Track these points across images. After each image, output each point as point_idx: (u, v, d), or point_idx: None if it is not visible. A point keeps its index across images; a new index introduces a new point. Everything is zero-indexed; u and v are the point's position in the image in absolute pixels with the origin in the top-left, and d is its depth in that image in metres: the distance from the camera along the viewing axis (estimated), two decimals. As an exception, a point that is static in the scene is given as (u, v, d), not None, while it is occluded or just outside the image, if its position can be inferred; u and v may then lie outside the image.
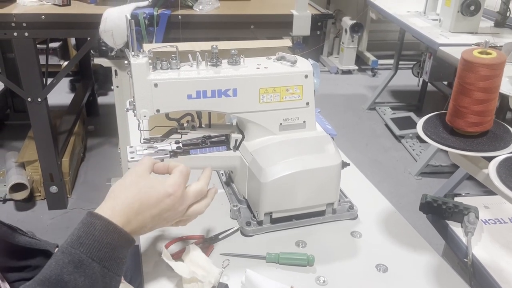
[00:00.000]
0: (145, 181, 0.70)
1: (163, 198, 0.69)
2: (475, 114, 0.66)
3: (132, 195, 0.67)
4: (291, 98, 0.96)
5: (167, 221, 0.73)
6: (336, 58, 4.68)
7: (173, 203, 0.70)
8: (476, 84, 0.64)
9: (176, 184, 0.71)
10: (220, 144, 1.01)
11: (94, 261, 0.60)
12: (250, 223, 0.96)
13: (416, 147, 3.11)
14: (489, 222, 1.01)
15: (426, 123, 0.75)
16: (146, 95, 0.88)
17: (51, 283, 0.57)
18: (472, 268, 0.90)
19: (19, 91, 2.06)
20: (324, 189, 0.95)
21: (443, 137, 0.70)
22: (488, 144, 0.67)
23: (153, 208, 0.68)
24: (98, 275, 0.60)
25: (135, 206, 0.67)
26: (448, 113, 0.71)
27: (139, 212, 0.67)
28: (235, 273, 0.84)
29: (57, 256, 0.60)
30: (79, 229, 0.62)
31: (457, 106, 0.68)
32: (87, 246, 0.60)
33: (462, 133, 0.69)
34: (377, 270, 0.86)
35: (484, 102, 0.65)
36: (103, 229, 0.62)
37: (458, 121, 0.68)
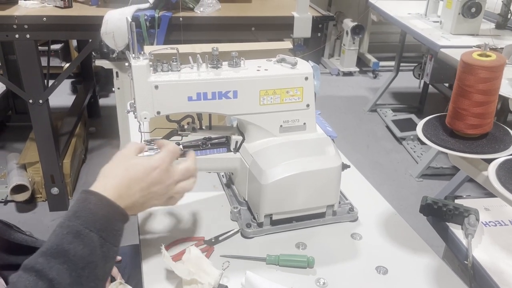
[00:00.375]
0: (132, 159, 0.74)
1: (150, 171, 0.72)
2: (474, 116, 0.66)
3: (121, 172, 0.71)
4: (291, 100, 0.96)
5: (157, 197, 0.75)
6: (337, 60, 4.68)
7: (159, 176, 0.73)
8: (475, 86, 0.64)
9: (161, 158, 0.75)
10: (220, 146, 1.02)
11: (91, 231, 0.62)
12: (250, 225, 0.96)
13: (417, 149, 3.10)
14: (489, 224, 1.01)
15: (426, 125, 0.75)
16: (146, 97, 0.88)
17: (52, 253, 0.59)
18: (472, 270, 0.90)
19: (20, 92, 2.07)
20: (324, 191, 0.95)
21: (443, 139, 0.70)
22: (487, 146, 0.67)
23: (142, 181, 0.71)
24: (97, 244, 0.62)
25: (125, 181, 0.70)
26: (448, 115, 0.71)
27: (129, 187, 0.70)
28: (235, 274, 0.84)
29: (56, 230, 0.62)
30: (75, 205, 0.66)
31: (456, 108, 0.68)
32: (84, 218, 0.63)
33: (462, 135, 0.69)
34: (377, 272, 0.86)
35: (483, 104, 0.65)
36: (97, 203, 0.65)
37: (457, 123, 0.68)
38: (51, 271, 0.57)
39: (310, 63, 0.98)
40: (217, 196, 1.09)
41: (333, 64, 4.61)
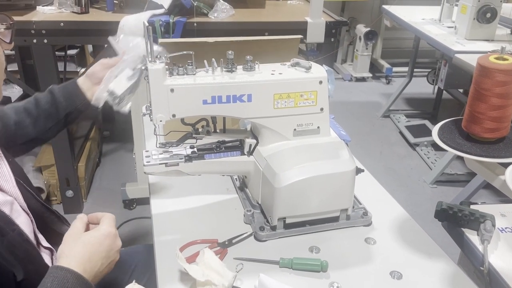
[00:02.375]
0: (84, 235, 0.79)
1: (103, 240, 0.79)
2: (491, 120, 0.66)
3: (80, 249, 0.76)
4: (306, 103, 0.96)
5: (112, 260, 0.81)
6: (350, 65, 4.67)
7: (111, 241, 0.80)
8: (492, 90, 0.64)
9: (108, 225, 0.81)
10: (234, 149, 1.02)
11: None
12: (264, 228, 0.96)
13: (431, 155, 3.07)
14: (505, 230, 1.00)
15: (441, 129, 0.74)
16: (162, 100, 0.89)
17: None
18: (488, 276, 0.89)
19: (37, 96, 2.10)
20: (338, 195, 0.95)
21: (459, 143, 0.69)
22: (505, 150, 0.66)
23: (99, 251, 0.78)
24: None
25: (86, 256, 0.76)
26: (464, 119, 0.70)
27: (91, 259, 0.76)
28: (249, 277, 0.84)
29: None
30: (52, 283, 0.71)
31: (473, 112, 0.68)
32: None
33: (478, 139, 0.69)
34: (391, 277, 0.86)
35: (500, 108, 0.65)
36: (74, 282, 0.71)
37: (474, 127, 0.68)
38: None
39: (325, 67, 0.99)
40: (231, 199, 1.09)
41: (345, 69, 4.60)
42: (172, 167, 0.98)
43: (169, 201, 1.08)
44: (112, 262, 0.81)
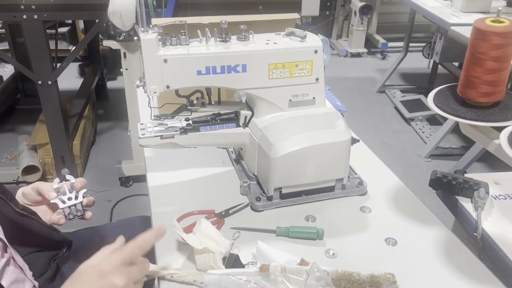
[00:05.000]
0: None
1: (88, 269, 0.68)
2: (487, 84, 0.66)
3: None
4: (301, 74, 0.95)
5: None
6: (346, 41, 4.63)
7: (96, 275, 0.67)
8: (488, 53, 0.63)
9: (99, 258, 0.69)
10: (229, 121, 1.02)
11: None
12: (260, 199, 0.97)
13: (426, 129, 3.08)
14: (499, 197, 1.01)
15: (437, 95, 0.74)
16: (156, 71, 0.88)
17: None
18: (481, 242, 0.90)
19: (29, 74, 2.07)
20: (333, 165, 0.95)
21: (454, 108, 0.69)
22: (499, 114, 0.66)
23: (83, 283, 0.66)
24: None
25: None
26: (459, 84, 0.70)
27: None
28: (246, 245, 0.85)
29: None
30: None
31: (468, 77, 0.67)
32: None
33: (473, 104, 0.69)
34: (386, 243, 0.87)
35: (496, 71, 0.64)
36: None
37: (469, 92, 0.68)
38: None
39: (320, 36, 0.98)
40: (227, 172, 1.09)
41: (341, 45, 4.56)
42: (167, 140, 0.98)
43: (166, 174, 1.08)
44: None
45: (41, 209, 0.95)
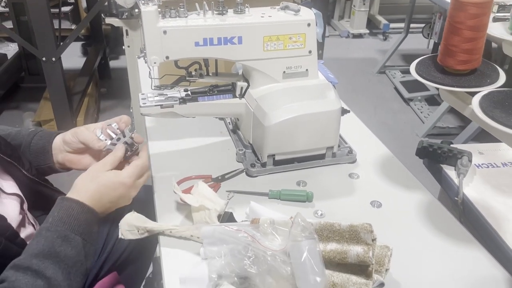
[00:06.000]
0: (103, 176, 0.81)
1: (118, 187, 0.82)
2: (464, 52, 0.70)
3: (92, 188, 0.79)
4: (294, 46, 1.00)
5: (120, 205, 0.85)
6: (347, 22, 4.63)
7: (126, 190, 0.83)
8: (465, 22, 0.68)
9: (128, 175, 0.83)
10: (226, 92, 1.07)
11: (76, 235, 0.73)
12: (255, 165, 1.02)
13: (424, 109, 3.12)
14: (482, 166, 1.06)
15: (418, 64, 0.79)
16: (156, 42, 0.93)
17: (45, 255, 0.69)
18: (462, 206, 0.96)
19: (34, 51, 2.12)
20: (324, 133, 1.01)
21: (434, 75, 0.74)
22: (475, 80, 0.71)
23: (111, 196, 0.81)
24: (81, 245, 0.74)
25: (97, 196, 0.79)
26: (439, 53, 0.75)
27: (100, 200, 0.80)
28: (240, 206, 0.91)
29: (44, 234, 0.72)
30: (58, 211, 0.75)
31: (447, 45, 0.72)
32: (69, 224, 0.73)
33: (452, 72, 0.73)
34: (371, 206, 0.93)
35: (472, 40, 0.69)
36: (79, 210, 0.76)
37: (448, 60, 0.72)
38: (47, 270, 0.66)
39: (313, 10, 1.01)
40: (224, 141, 1.15)
41: (342, 26, 4.57)
42: (167, 109, 1.03)
43: (165, 143, 1.13)
44: (120, 206, 0.84)
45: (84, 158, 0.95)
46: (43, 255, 0.68)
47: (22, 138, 0.95)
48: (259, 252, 0.68)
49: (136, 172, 0.84)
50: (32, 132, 0.95)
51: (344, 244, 0.67)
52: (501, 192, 0.97)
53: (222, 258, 0.70)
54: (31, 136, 0.94)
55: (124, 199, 0.84)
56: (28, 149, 0.93)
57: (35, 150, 0.93)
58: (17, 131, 0.96)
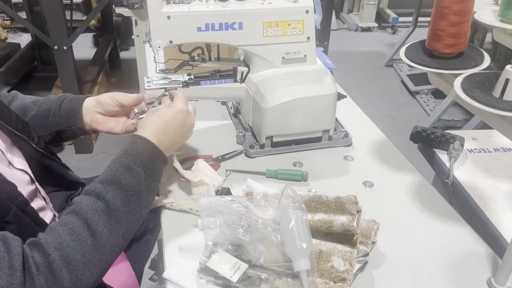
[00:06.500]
0: (160, 110, 0.87)
1: (177, 115, 0.86)
2: (450, 36, 0.73)
3: (156, 121, 0.84)
4: (293, 32, 1.04)
5: (185, 134, 0.89)
6: (356, 15, 4.64)
7: (185, 116, 0.87)
8: (451, 7, 0.71)
9: (181, 103, 0.89)
10: (228, 77, 1.11)
11: (138, 167, 0.76)
12: (253, 146, 1.07)
13: (430, 102, 3.13)
14: (474, 151, 1.10)
15: (408, 48, 0.82)
16: (160, 26, 0.97)
17: (108, 181, 0.73)
18: (452, 188, 0.99)
19: (46, 39, 2.18)
20: (320, 116, 1.05)
21: (421, 58, 0.78)
22: (460, 63, 0.74)
23: (174, 124, 0.85)
24: (142, 178, 0.76)
25: (161, 127, 0.83)
26: (427, 38, 0.78)
27: (166, 131, 0.84)
28: (238, 184, 0.95)
29: (110, 164, 0.77)
30: (125, 146, 0.80)
31: (434, 30, 0.75)
32: (133, 156, 0.77)
33: (439, 55, 0.77)
34: (364, 185, 0.97)
35: (458, 24, 0.72)
36: (143, 145, 0.79)
37: (435, 44, 0.76)
38: (107, 194, 0.71)
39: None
40: (225, 125, 1.20)
41: (351, 19, 4.58)
42: (170, 92, 1.08)
43: (169, 125, 1.18)
44: (185, 137, 0.89)
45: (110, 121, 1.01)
46: (106, 181, 0.73)
47: (51, 102, 1.01)
48: (252, 221, 0.72)
49: (184, 99, 0.89)
50: (62, 97, 1.02)
51: (331, 214, 0.71)
52: (491, 175, 1.01)
53: (217, 228, 0.75)
54: (61, 100, 1.01)
55: (187, 126, 0.88)
56: (59, 111, 0.99)
57: (66, 112, 0.99)
58: (45, 98, 1.03)
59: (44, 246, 0.64)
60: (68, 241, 0.65)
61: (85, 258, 0.65)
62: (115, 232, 0.69)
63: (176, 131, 0.85)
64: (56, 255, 0.64)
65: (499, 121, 0.66)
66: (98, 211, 0.69)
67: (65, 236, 0.65)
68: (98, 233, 0.67)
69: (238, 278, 0.69)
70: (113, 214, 0.70)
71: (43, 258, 0.63)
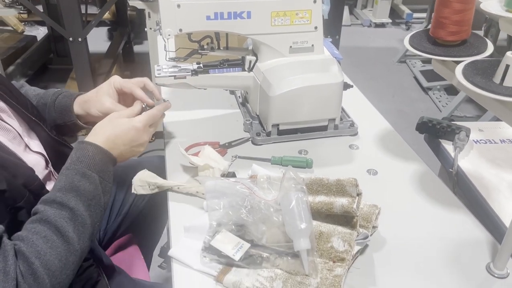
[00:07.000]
0: (118, 120, 0.90)
1: (129, 131, 0.89)
2: (453, 24, 0.74)
3: (108, 130, 0.87)
4: (301, 22, 1.05)
5: (134, 150, 0.92)
6: (370, 11, 4.61)
7: (136, 134, 0.90)
8: (454, -5, 0.72)
9: (139, 120, 0.91)
10: (236, 66, 1.13)
11: (93, 172, 0.80)
12: (260, 134, 1.09)
13: (443, 98, 3.11)
14: (480, 142, 1.10)
15: (413, 36, 0.83)
16: (170, 15, 1.00)
17: (67, 189, 0.77)
18: (456, 177, 1.00)
19: (61, 31, 2.23)
20: (326, 105, 1.06)
21: (425, 46, 0.78)
22: (463, 51, 0.75)
23: (123, 139, 0.88)
24: (97, 182, 0.80)
25: (111, 137, 0.87)
26: (431, 26, 0.79)
27: (115, 142, 0.87)
28: (243, 169, 0.97)
29: (65, 172, 0.80)
30: (76, 153, 0.83)
31: (438, 18, 0.76)
32: (86, 163, 0.81)
33: (443, 43, 0.78)
34: (368, 173, 0.98)
35: (461, 12, 0.73)
36: (94, 151, 0.83)
37: (439, 31, 0.77)
38: (69, 202, 0.74)
39: (320, -12, 1.06)
40: (233, 113, 1.22)
41: (365, 15, 4.55)
42: (180, 80, 1.10)
43: (179, 113, 1.21)
44: (134, 152, 0.92)
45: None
46: (65, 190, 0.76)
47: (47, 97, 1.05)
48: (255, 202, 0.75)
49: (146, 119, 0.92)
50: (58, 92, 1.06)
51: (331, 196, 0.73)
52: (495, 166, 1.01)
53: (221, 209, 0.77)
54: (56, 95, 1.04)
55: (137, 142, 0.90)
56: (53, 107, 1.03)
57: (59, 108, 1.03)
58: (45, 92, 1.08)
59: (26, 255, 0.68)
60: (45, 249, 0.69)
61: (62, 263, 0.70)
62: (83, 235, 0.74)
63: (125, 145, 0.89)
64: (37, 263, 0.67)
65: (499, 107, 0.67)
66: (65, 218, 0.73)
67: (41, 244, 0.69)
68: (70, 239, 0.72)
69: (240, 256, 0.71)
70: (79, 220, 0.74)
71: (26, 266, 0.67)
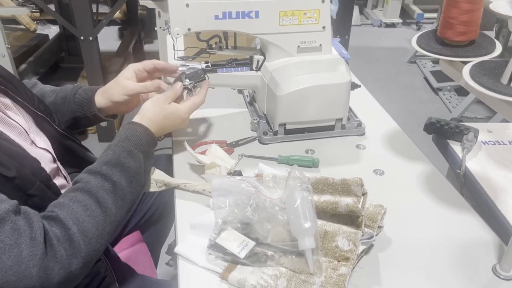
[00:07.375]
0: (165, 105, 0.96)
1: (176, 118, 0.97)
2: (461, 24, 0.74)
3: (160, 119, 0.94)
4: (309, 21, 1.05)
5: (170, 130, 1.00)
6: (381, 11, 4.59)
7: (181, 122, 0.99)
8: (462, -5, 0.72)
9: (185, 112, 0.98)
10: (244, 65, 1.14)
11: (139, 151, 0.85)
12: (267, 133, 1.09)
13: (453, 99, 3.09)
14: (488, 143, 1.09)
15: (420, 36, 0.83)
16: (179, 15, 1.01)
17: (113, 163, 0.81)
18: (463, 178, 1.00)
19: (73, 29, 2.26)
20: (333, 104, 1.06)
21: (433, 46, 0.78)
22: (471, 51, 0.75)
23: (171, 126, 0.97)
24: (142, 161, 0.85)
25: (159, 124, 0.93)
26: (439, 26, 0.79)
27: (161, 128, 0.94)
28: (250, 168, 0.98)
29: (112, 148, 0.84)
30: (125, 132, 0.88)
31: (446, 18, 0.76)
32: (134, 142, 0.86)
33: (450, 43, 0.77)
34: (374, 173, 0.98)
35: (469, 12, 0.73)
36: (142, 132, 0.89)
37: (447, 32, 0.76)
38: (113, 175, 0.79)
39: (328, -12, 1.06)
40: (241, 112, 1.22)
41: (375, 15, 4.53)
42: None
43: (187, 112, 1.22)
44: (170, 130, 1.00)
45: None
46: (111, 164, 0.80)
47: (67, 91, 1.08)
48: (260, 201, 0.75)
49: (192, 109, 1.00)
50: (77, 86, 1.11)
51: (337, 196, 0.73)
52: (503, 167, 1.00)
53: (227, 207, 0.78)
54: (76, 89, 1.09)
55: (178, 127, 1.00)
56: (73, 99, 1.07)
57: (80, 100, 1.06)
58: (62, 87, 1.12)
59: (63, 220, 0.71)
60: (83, 217, 0.72)
61: (98, 232, 0.73)
62: (121, 209, 0.78)
63: (169, 129, 0.98)
64: (75, 229, 0.70)
65: (507, 107, 0.66)
66: (106, 190, 0.77)
67: (80, 212, 0.73)
68: (108, 210, 0.75)
69: (245, 254, 0.72)
70: (119, 193, 0.78)
71: (63, 231, 0.70)
